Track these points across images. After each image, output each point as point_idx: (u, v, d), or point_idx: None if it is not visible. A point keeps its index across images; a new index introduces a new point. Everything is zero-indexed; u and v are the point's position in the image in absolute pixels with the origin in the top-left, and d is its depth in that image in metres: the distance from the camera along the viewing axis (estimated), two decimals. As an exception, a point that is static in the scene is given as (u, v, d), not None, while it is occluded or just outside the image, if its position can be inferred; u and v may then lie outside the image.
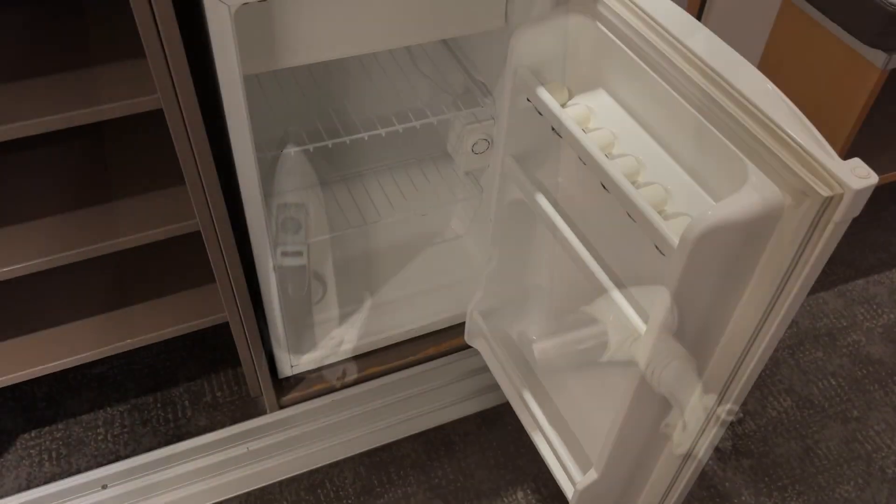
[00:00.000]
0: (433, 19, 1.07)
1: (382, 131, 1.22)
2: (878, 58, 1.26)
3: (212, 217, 1.01)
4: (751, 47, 0.96)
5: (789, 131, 0.69)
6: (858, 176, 0.65)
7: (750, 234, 0.72)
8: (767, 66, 1.45)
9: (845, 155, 1.46)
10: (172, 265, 1.24)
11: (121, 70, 0.90)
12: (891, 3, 1.21)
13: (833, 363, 1.50)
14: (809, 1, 1.32)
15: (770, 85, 0.75)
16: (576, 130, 0.86)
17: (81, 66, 0.91)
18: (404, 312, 1.43)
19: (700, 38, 0.79)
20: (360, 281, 1.48)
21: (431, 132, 1.51)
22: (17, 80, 0.89)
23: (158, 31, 0.80)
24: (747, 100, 0.73)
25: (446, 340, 1.43)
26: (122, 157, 1.10)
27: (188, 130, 0.90)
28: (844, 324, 1.57)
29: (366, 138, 1.21)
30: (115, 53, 0.93)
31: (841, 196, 0.65)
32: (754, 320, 0.79)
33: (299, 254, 1.30)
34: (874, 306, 1.60)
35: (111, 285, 1.21)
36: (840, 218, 0.66)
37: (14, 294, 1.20)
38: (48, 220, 1.02)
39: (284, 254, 1.29)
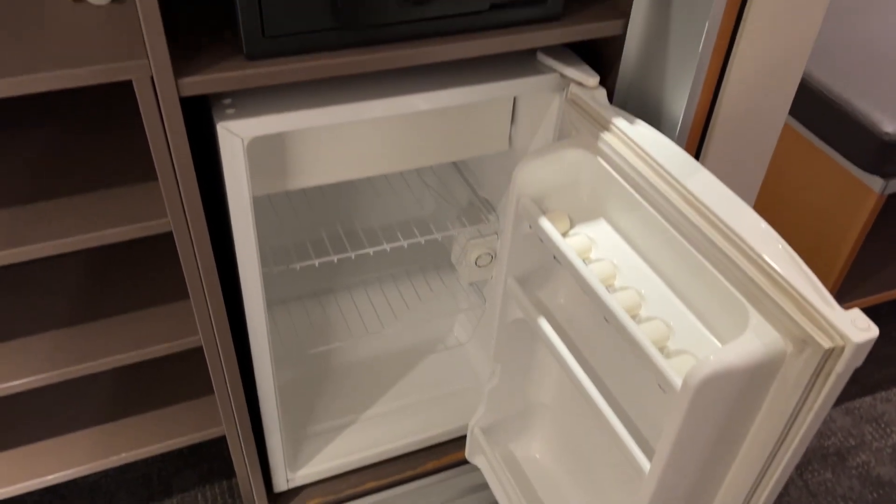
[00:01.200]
0: (440, 144, 1.11)
1: (387, 247, 1.23)
2: (875, 183, 1.29)
3: (215, 334, 1.01)
4: (751, 170, 0.98)
5: (789, 279, 0.70)
6: (859, 328, 0.65)
7: (753, 378, 0.71)
8: (768, 188, 1.48)
9: (846, 275, 1.47)
10: (170, 376, 1.24)
11: (131, 192, 0.93)
12: (886, 133, 1.24)
13: (843, 485, 1.47)
14: (809, 127, 1.35)
15: (767, 227, 0.76)
16: (577, 262, 0.87)
17: (93, 187, 0.93)
18: (404, 423, 1.41)
19: (699, 179, 0.81)
20: (359, 389, 1.46)
21: (435, 243, 1.53)
22: (31, 201, 0.91)
23: (172, 160, 0.83)
24: (746, 244, 0.74)
25: (447, 454, 1.40)
26: (124, 271, 1.12)
27: (196, 253, 0.92)
28: (853, 443, 1.54)
29: (371, 253, 1.23)
30: (126, 172, 0.95)
31: (842, 348, 0.65)
32: (760, 459, 0.77)
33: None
34: (882, 425, 1.57)
35: (107, 397, 1.20)
36: (842, 369, 0.66)
37: (9, 404, 1.19)
38: (50, 334, 1.02)
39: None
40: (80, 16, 0.83)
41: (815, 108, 1.34)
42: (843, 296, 1.48)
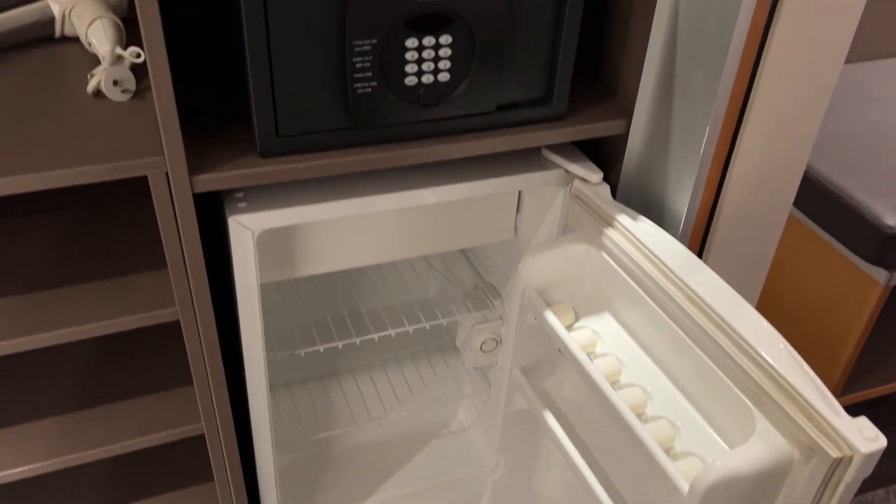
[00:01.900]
0: (446, 233, 1.12)
1: (392, 332, 1.23)
2: (880, 275, 1.29)
3: (217, 423, 1.01)
4: (755, 266, 0.99)
5: (792, 382, 0.70)
6: (867, 438, 0.64)
7: (761, 484, 0.70)
8: (773, 278, 1.49)
9: (853, 366, 1.46)
10: (169, 461, 1.22)
11: (139, 279, 0.93)
12: (888, 226, 1.25)
13: (858, 584, 1.42)
14: (812, 218, 1.37)
15: (769, 327, 0.76)
16: (582, 357, 0.87)
17: (101, 274, 0.94)
18: (406, 512, 1.38)
19: (701, 278, 0.81)
20: (361, 475, 1.44)
21: (440, 326, 1.53)
22: (39, 289, 0.92)
23: (183, 253, 0.84)
24: (749, 345, 0.74)
25: (449, 546, 1.37)
26: (125, 354, 1.12)
27: (202, 342, 0.92)
28: (867, 539, 1.50)
29: (376, 339, 1.23)
30: (135, 258, 0.96)
31: (850, 458, 0.64)
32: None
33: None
34: (897, 520, 1.53)
35: (105, 482, 1.19)
36: (851, 479, 0.65)
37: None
38: (49, 421, 1.02)
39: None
40: (99, 111, 0.86)
41: (817, 199, 1.36)
42: (851, 387, 1.47)
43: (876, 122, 1.53)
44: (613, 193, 0.99)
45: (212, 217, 0.96)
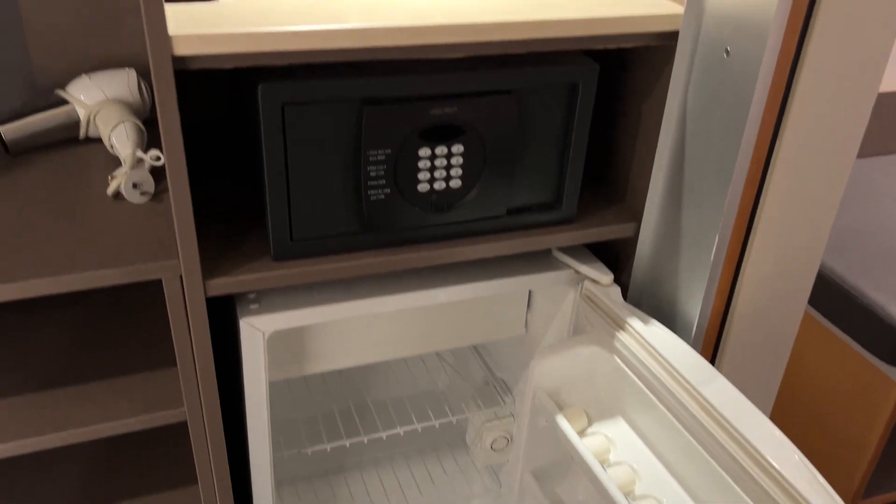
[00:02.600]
0: (457, 330, 1.12)
1: (401, 430, 1.22)
2: (896, 375, 1.27)
3: (220, 527, 0.98)
4: (769, 370, 0.97)
5: (808, 497, 0.68)
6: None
7: None
8: (789, 378, 1.46)
9: (874, 468, 1.42)
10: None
11: (146, 378, 0.93)
12: (902, 326, 1.24)
13: None
14: (828, 316, 1.36)
15: (783, 437, 0.75)
16: (596, 468, 0.85)
17: (109, 372, 0.94)
18: None
19: (715, 387, 0.80)
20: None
21: (450, 423, 1.50)
22: (46, 387, 0.91)
23: (193, 355, 0.84)
24: (765, 459, 0.72)
25: None
26: (128, 449, 1.10)
27: (208, 443, 0.91)
28: None
29: (384, 438, 1.21)
30: (144, 355, 0.96)
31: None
32: None
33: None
34: None
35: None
36: None
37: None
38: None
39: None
40: (118, 212, 0.87)
41: (831, 298, 1.35)
42: (872, 489, 1.42)
43: (889, 217, 1.54)
44: (624, 294, 0.99)
45: (221, 312, 0.97)
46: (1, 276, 0.74)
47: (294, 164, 0.78)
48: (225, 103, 1.10)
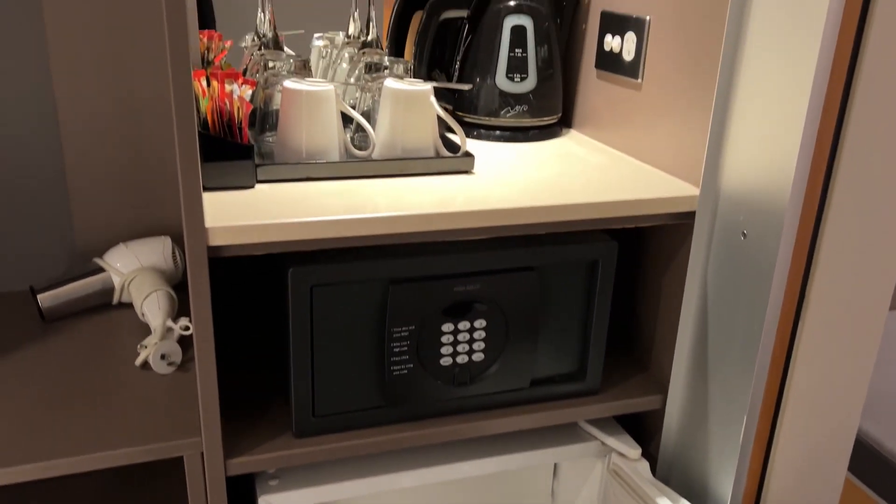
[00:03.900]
0: (480, 501, 1.08)
1: None
2: (949, 552, 1.19)
3: None
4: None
5: None
6: None
7: None
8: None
9: None
10: None
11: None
12: (950, 498, 1.18)
13: None
14: (868, 483, 1.30)
15: None
16: None
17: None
18: None
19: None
20: None
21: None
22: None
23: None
24: None
25: None
26: None
27: None
28: None
29: None
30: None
31: None
32: None
33: None
34: None
35: None
36: None
37: None
38: None
39: None
40: (144, 383, 0.88)
41: (869, 464, 1.30)
42: None
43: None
44: (653, 468, 0.96)
45: (241, 480, 0.95)
46: (24, 457, 0.74)
47: (319, 341, 0.79)
48: (252, 279, 1.14)
